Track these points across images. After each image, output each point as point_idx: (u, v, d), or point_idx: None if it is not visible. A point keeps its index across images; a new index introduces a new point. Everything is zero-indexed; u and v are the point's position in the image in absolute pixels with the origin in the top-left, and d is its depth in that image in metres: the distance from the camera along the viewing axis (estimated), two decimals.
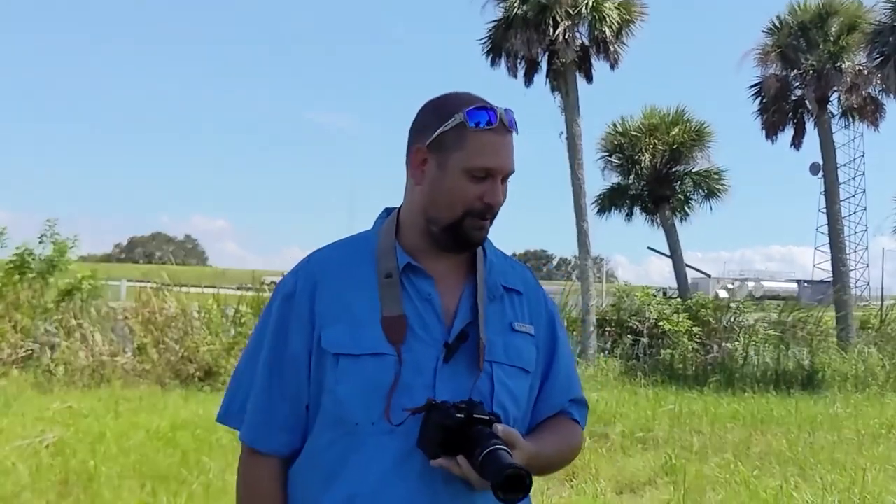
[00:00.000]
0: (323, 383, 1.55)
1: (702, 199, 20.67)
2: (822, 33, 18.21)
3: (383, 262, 1.61)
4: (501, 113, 1.58)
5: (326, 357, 1.55)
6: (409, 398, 1.51)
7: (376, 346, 1.53)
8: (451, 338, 1.57)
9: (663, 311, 15.73)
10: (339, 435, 1.54)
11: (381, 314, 1.55)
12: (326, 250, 1.68)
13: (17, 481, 5.89)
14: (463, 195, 1.57)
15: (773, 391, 12.56)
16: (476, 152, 1.56)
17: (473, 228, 1.59)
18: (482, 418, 1.48)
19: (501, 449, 1.43)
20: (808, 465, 7.28)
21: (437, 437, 1.46)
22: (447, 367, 1.56)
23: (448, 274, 1.64)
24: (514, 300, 1.70)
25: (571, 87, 16.29)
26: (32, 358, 11.07)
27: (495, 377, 1.59)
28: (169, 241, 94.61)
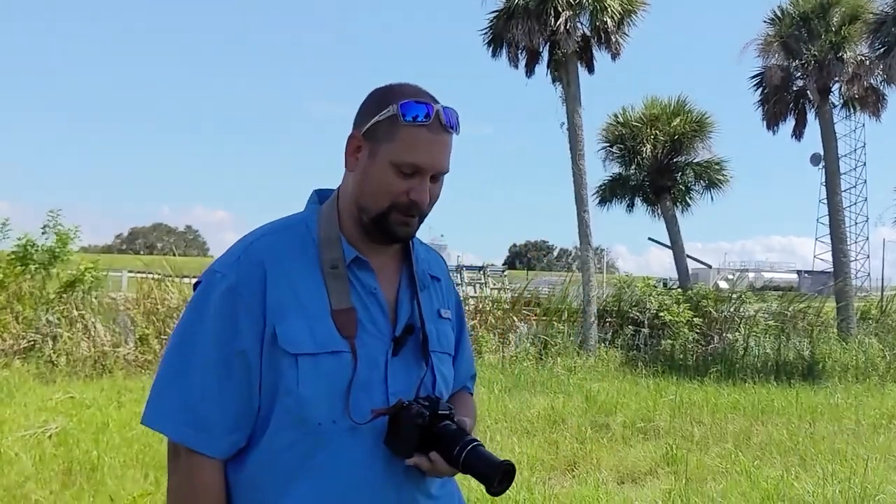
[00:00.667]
0: (279, 383, 1.48)
1: (703, 190, 20.68)
2: (823, 23, 18.15)
3: (328, 252, 1.56)
4: (439, 110, 1.53)
5: (283, 356, 1.48)
6: (367, 395, 1.51)
7: (332, 342, 1.50)
8: (397, 331, 1.58)
9: (664, 302, 15.74)
10: (300, 435, 1.49)
11: (331, 307, 1.52)
12: (266, 238, 1.58)
13: (21, 471, 5.91)
14: (389, 188, 1.53)
15: (773, 381, 12.58)
16: (405, 147, 1.52)
17: (398, 224, 1.56)
18: (445, 414, 1.53)
19: (480, 445, 1.51)
20: (808, 455, 7.30)
21: (413, 437, 1.50)
22: (395, 360, 1.57)
23: (384, 266, 1.63)
24: (436, 287, 1.73)
25: (573, 78, 16.24)
26: (35, 348, 11.08)
27: (435, 368, 1.63)
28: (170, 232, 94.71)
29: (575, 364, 13.33)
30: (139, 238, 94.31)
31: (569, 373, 12.53)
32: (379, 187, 1.54)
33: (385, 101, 1.54)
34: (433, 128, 1.53)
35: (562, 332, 14.93)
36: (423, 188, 1.54)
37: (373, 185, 1.55)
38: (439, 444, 1.51)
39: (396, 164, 1.52)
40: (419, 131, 1.52)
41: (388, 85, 1.60)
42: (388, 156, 1.53)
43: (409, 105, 1.52)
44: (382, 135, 1.53)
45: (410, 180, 1.53)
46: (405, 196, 1.54)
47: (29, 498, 5.33)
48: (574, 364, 13.32)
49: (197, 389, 1.49)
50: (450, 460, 1.50)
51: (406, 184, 1.53)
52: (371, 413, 1.49)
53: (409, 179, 1.53)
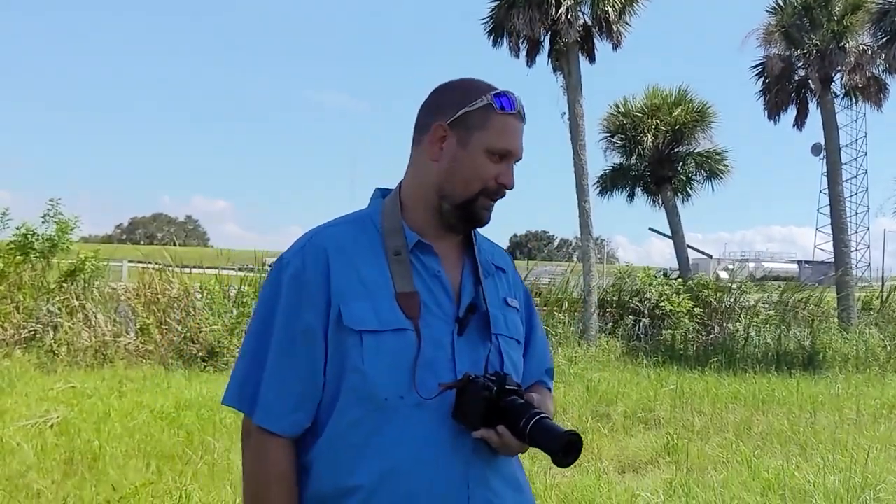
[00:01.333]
0: (346, 361, 1.55)
1: (703, 180, 20.68)
2: (825, 12, 18.10)
3: (391, 239, 1.63)
4: (519, 101, 1.66)
5: (348, 334, 1.54)
6: (433, 372, 1.56)
7: (395, 321, 1.55)
8: (460, 312, 1.63)
9: (664, 292, 15.75)
10: (368, 411, 1.54)
11: (395, 290, 1.58)
12: (329, 228, 1.67)
13: (23, 460, 5.91)
14: (481, 173, 1.63)
15: (774, 372, 12.59)
16: (500, 133, 1.62)
17: (483, 208, 1.66)
18: (512, 389, 1.56)
19: (546, 417, 1.53)
20: (809, 444, 7.30)
21: (480, 409, 1.53)
22: (462, 340, 1.62)
23: (448, 252, 1.70)
24: (501, 277, 1.80)
25: (574, 67, 16.21)
26: (35, 338, 11.07)
27: (502, 349, 1.68)
28: (170, 222, 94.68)
29: (576, 354, 13.34)
30: (139, 228, 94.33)
31: (570, 363, 12.53)
32: (472, 172, 1.63)
33: (474, 94, 1.65)
34: (518, 117, 1.66)
35: (562, 322, 14.94)
36: (511, 172, 1.66)
37: (464, 171, 1.64)
38: (506, 418, 1.53)
39: (491, 149, 1.62)
40: (510, 119, 1.64)
41: (461, 79, 1.71)
42: (481, 143, 1.63)
43: (501, 96, 1.64)
44: (475, 123, 1.63)
45: (499, 165, 1.64)
46: (494, 181, 1.64)
47: (31, 487, 5.33)
48: (575, 354, 13.33)
49: (264, 369, 1.57)
50: (516, 433, 1.53)
51: (496, 168, 1.63)
52: (438, 387, 1.54)
53: (498, 164, 1.64)
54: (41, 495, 5.21)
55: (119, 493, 5.10)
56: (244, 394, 1.59)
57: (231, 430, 6.92)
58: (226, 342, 11.33)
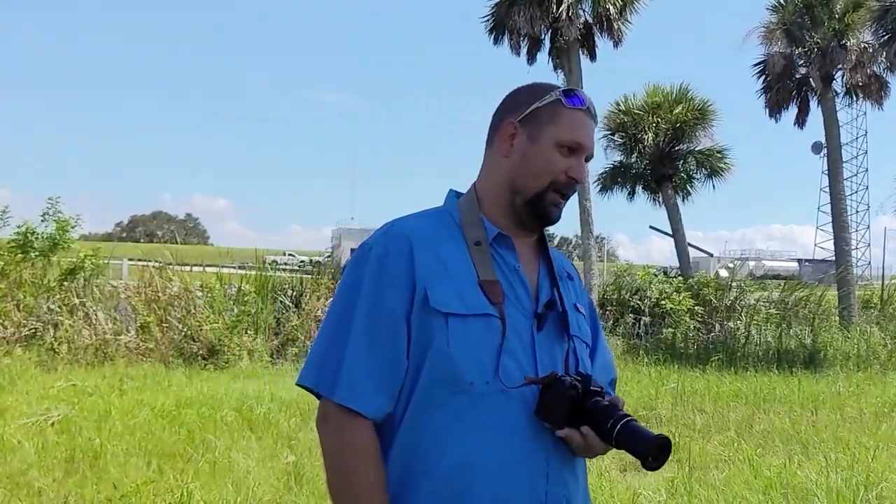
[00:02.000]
0: (431, 343, 1.53)
1: (704, 178, 20.66)
2: (827, 10, 18.09)
3: (471, 231, 1.64)
4: (589, 100, 1.69)
5: (434, 316, 1.54)
6: (516, 363, 1.56)
7: (481, 306, 1.55)
8: (539, 307, 1.64)
9: (665, 290, 15.75)
10: (452, 394, 1.53)
11: (478, 278, 1.58)
12: (408, 220, 1.68)
13: (24, 458, 5.90)
14: (551, 166, 1.64)
15: (775, 370, 12.58)
16: (568, 127, 1.65)
17: (553, 204, 1.67)
18: (596, 390, 1.56)
19: (634, 420, 1.52)
20: (811, 443, 7.29)
21: (566, 408, 1.52)
22: (541, 336, 1.62)
23: (525, 251, 1.71)
24: (569, 283, 1.80)
25: (574, 65, 16.20)
26: (36, 336, 11.07)
27: (577, 350, 1.69)
28: (170, 221, 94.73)
29: None
30: (139, 226, 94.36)
31: None
32: (542, 166, 1.65)
33: (543, 91, 1.68)
34: (588, 113, 1.68)
35: None
36: (582, 166, 1.67)
37: (535, 165, 1.65)
38: (591, 419, 1.52)
39: (561, 143, 1.64)
40: (579, 114, 1.66)
41: (534, 82, 1.75)
42: (552, 137, 1.64)
43: (570, 92, 1.68)
44: (545, 118, 1.65)
45: (569, 159, 1.65)
46: (564, 175, 1.65)
47: (32, 485, 5.32)
48: None
49: (345, 350, 1.55)
50: (602, 435, 1.51)
51: (566, 162, 1.65)
52: (524, 379, 1.53)
53: (569, 158, 1.65)
54: (42, 493, 5.20)
55: (120, 491, 5.09)
56: (323, 375, 1.56)
57: (231, 429, 6.92)
58: (226, 340, 11.33)
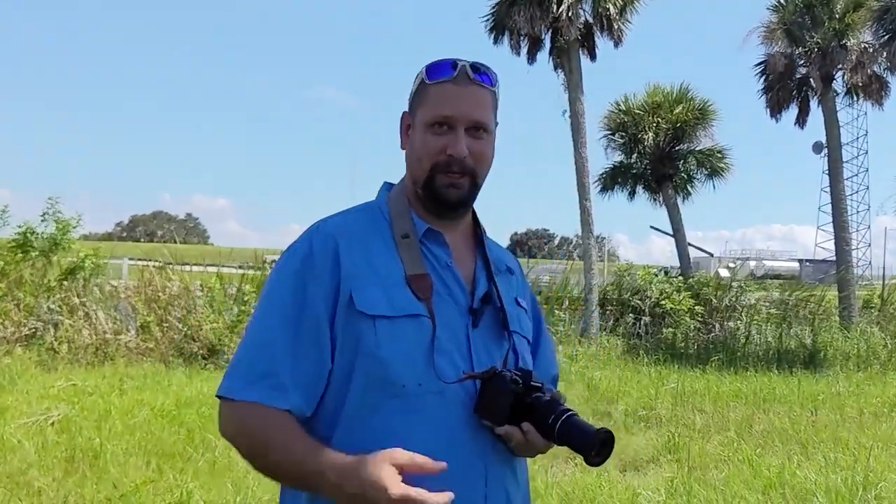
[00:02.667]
0: (359, 346, 1.48)
1: (704, 178, 20.64)
2: (827, 10, 18.07)
3: (399, 224, 1.59)
4: (465, 65, 1.57)
5: (361, 319, 1.48)
6: (451, 361, 1.51)
7: (409, 306, 1.50)
8: (475, 303, 1.58)
9: (665, 290, 15.74)
10: (385, 397, 1.47)
11: (405, 273, 1.53)
12: (336, 217, 1.63)
13: (24, 458, 5.91)
14: (426, 149, 1.57)
15: (775, 370, 12.57)
16: (433, 104, 1.57)
17: (445, 186, 1.57)
18: (537, 386, 1.51)
19: (576, 414, 1.48)
20: (810, 443, 7.30)
21: (507, 404, 1.47)
22: (477, 333, 1.57)
23: (457, 244, 1.65)
24: (510, 278, 1.75)
25: (575, 65, 16.19)
26: (36, 336, 11.08)
27: (517, 347, 1.63)
28: (170, 220, 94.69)
29: (576, 352, 13.33)
30: (139, 226, 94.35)
31: (570, 361, 12.52)
32: (420, 150, 1.59)
33: (418, 75, 1.62)
34: (459, 80, 1.57)
35: (563, 320, 14.94)
36: (458, 140, 1.55)
37: (416, 151, 1.60)
38: (532, 415, 1.48)
39: (428, 122, 1.57)
40: (444, 86, 1.57)
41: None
42: (421, 119, 1.59)
43: (433, 65, 1.59)
44: (417, 102, 1.61)
45: (445, 137, 1.56)
46: (442, 154, 1.56)
47: (32, 485, 5.32)
48: (575, 352, 13.32)
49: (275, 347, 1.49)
50: (544, 431, 1.47)
51: (441, 141, 1.56)
52: (463, 374, 1.49)
53: (444, 136, 1.56)
54: (42, 493, 5.20)
55: (120, 490, 5.10)
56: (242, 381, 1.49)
57: None
58: (226, 340, 11.32)
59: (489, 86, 1.60)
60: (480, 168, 1.60)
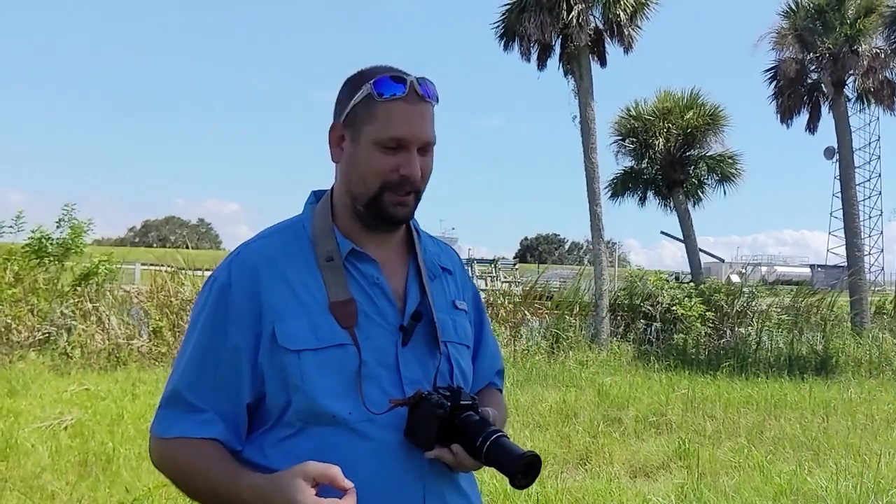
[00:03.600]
0: (287, 380, 1.46)
1: (715, 184, 20.61)
2: (838, 16, 18.03)
3: (322, 245, 1.54)
4: (413, 81, 1.52)
5: (285, 354, 1.46)
6: (379, 386, 1.49)
7: (334, 336, 1.47)
8: (405, 320, 1.55)
9: (676, 296, 15.70)
10: (317, 429, 1.46)
11: (329, 300, 1.50)
12: (258, 241, 1.58)
13: (38, 462, 5.96)
14: (377, 168, 1.51)
15: (786, 376, 12.53)
16: (384, 123, 1.50)
17: (393, 204, 1.54)
18: (467, 404, 1.49)
19: (504, 436, 1.46)
20: (822, 450, 7.28)
21: (433, 428, 1.46)
22: (406, 350, 1.53)
23: (389, 256, 1.61)
24: (448, 279, 1.71)
25: (585, 71, 16.20)
26: (49, 341, 11.15)
27: (451, 357, 1.60)
28: (182, 225, 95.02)
29: (587, 358, 13.32)
30: (152, 231, 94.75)
31: (581, 367, 12.52)
32: (367, 169, 1.52)
33: (358, 85, 1.54)
34: (410, 99, 1.51)
35: (573, 325, 14.91)
36: (412, 161, 1.52)
37: (361, 169, 1.53)
38: (462, 436, 1.47)
39: (379, 141, 1.51)
40: (396, 105, 1.50)
41: (363, 69, 1.59)
42: (370, 136, 1.51)
43: (382, 81, 1.51)
44: (362, 117, 1.52)
45: (397, 156, 1.51)
46: (395, 174, 1.52)
47: (45, 489, 5.38)
48: (586, 358, 13.31)
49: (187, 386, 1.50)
50: (472, 452, 1.46)
51: (393, 160, 1.51)
52: (389, 403, 1.47)
53: (396, 155, 1.51)
54: (56, 497, 5.26)
55: (132, 494, 5.14)
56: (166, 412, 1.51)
57: None
58: None
59: (433, 100, 1.56)
60: (424, 184, 1.57)
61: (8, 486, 5.40)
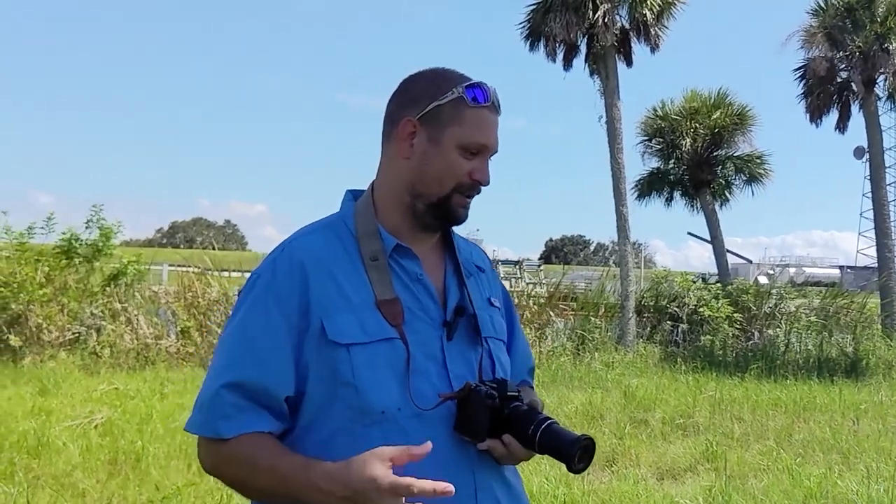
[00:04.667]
0: (336, 376, 1.46)
1: (743, 184, 20.43)
2: (868, 14, 17.81)
3: (367, 244, 1.56)
4: (493, 92, 1.57)
5: (335, 349, 1.46)
6: (428, 381, 1.50)
7: (382, 331, 1.49)
8: (448, 315, 1.57)
9: (703, 297, 15.58)
10: (366, 426, 1.46)
11: (375, 298, 1.51)
12: (302, 238, 1.59)
13: (69, 460, 6.04)
14: (455, 170, 1.55)
15: (815, 378, 12.38)
16: (474, 128, 1.55)
17: (459, 206, 1.58)
18: (514, 395, 1.50)
19: (555, 422, 1.47)
20: (852, 453, 7.19)
21: (485, 420, 1.47)
22: (451, 345, 1.56)
23: (428, 254, 1.63)
24: (481, 277, 1.73)
25: (611, 71, 16.12)
26: (79, 340, 11.29)
27: (492, 352, 1.62)
28: (209, 227, 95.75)
29: (613, 359, 13.26)
30: (179, 232, 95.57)
31: (607, 368, 12.46)
32: (445, 170, 1.55)
33: (445, 85, 1.56)
34: (492, 109, 1.57)
35: (599, 327, 14.83)
36: (486, 167, 1.58)
37: (438, 169, 1.56)
38: (512, 426, 1.47)
39: (465, 146, 1.55)
40: (483, 112, 1.56)
41: (432, 69, 1.62)
42: (455, 139, 1.55)
43: (473, 88, 1.55)
44: (447, 118, 1.55)
45: (473, 161, 1.56)
46: (468, 177, 1.56)
47: (76, 486, 5.45)
48: (612, 359, 13.24)
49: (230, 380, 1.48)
50: (525, 441, 1.47)
51: (470, 165, 1.56)
52: (439, 397, 1.48)
53: (472, 160, 1.56)
54: (86, 494, 5.32)
55: (162, 493, 5.19)
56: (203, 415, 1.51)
57: None
58: None
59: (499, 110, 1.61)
60: None
61: (40, 483, 5.48)
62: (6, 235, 11.84)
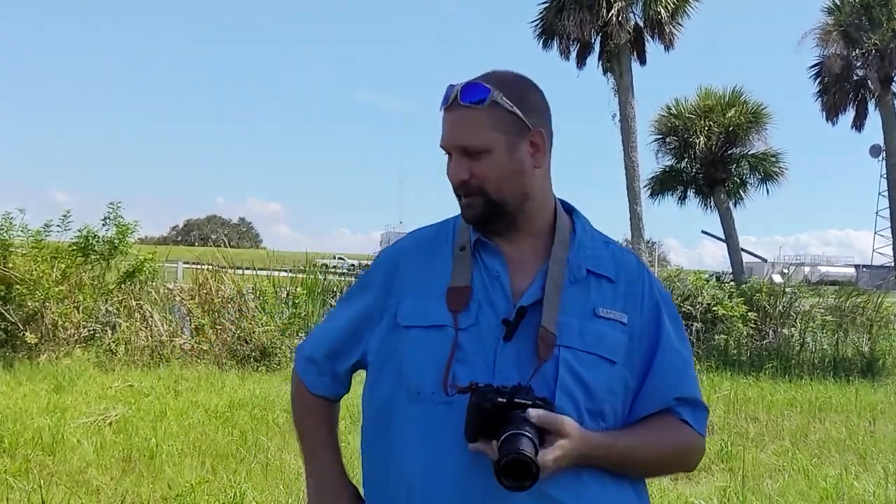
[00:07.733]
0: (393, 354, 1.61)
1: (758, 183, 20.32)
2: (885, 11, 17.70)
3: (460, 236, 1.66)
4: (456, 89, 1.57)
5: (398, 329, 1.62)
6: (471, 372, 1.50)
7: (438, 317, 1.57)
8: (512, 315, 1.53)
9: (717, 296, 15.49)
10: (406, 403, 1.57)
11: (449, 284, 1.60)
12: (419, 229, 1.78)
13: (83, 457, 6.06)
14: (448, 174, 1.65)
15: (831, 378, 12.30)
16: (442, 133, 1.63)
17: (462, 206, 1.64)
18: (523, 403, 1.42)
19: (523, 434, 1.38)
20: (868, 453, 7.13)
21: (473, 419, 1.44)
22: (509, 346, 1.52)
23: (524, 256, 1.62)
24: (601, 285, 1.61)
25: (625, 69, 16.10)
26: (94, 338, 11.33)
27: (562, 361, 1.51)
28: (224, 224, 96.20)
29: None
30: (194, 230, 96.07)
31: None
32: None
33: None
34: (451, 108, 1.59)
35: None
36: (456, 167, 1.60)
37: None
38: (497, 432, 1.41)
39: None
40: (443, 115, 1.62)
41: None
42: None
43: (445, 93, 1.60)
44: None
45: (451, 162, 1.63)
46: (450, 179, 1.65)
47: (91, 483, 5.46)
48: None
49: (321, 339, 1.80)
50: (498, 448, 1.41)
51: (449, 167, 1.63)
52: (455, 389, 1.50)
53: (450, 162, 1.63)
54: (100, 491, 5.34)
55: (175, 490, 5.20)
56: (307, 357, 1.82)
57: (283, 431, 7.01)
58: (278, 342, 11.46)
59: (477, 104, 1.54)
60: (489, 185, 1.57)
61: (55, 479, 5.50)
62: (23, 233, 11.88)
